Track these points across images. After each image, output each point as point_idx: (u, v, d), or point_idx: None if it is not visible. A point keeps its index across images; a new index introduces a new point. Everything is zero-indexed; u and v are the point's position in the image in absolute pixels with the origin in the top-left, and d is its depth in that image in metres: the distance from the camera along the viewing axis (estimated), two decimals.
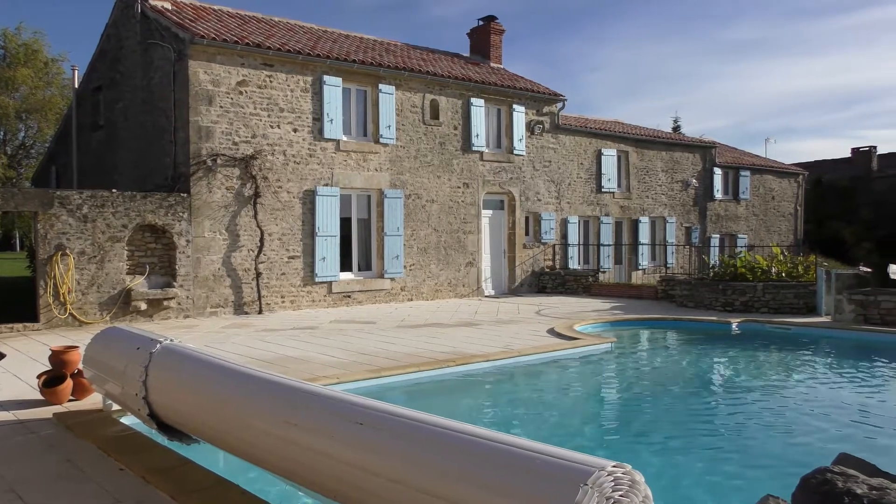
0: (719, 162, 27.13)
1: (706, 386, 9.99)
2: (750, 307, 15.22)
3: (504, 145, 19.93)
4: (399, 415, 3.33)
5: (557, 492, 2.42)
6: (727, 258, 18.11)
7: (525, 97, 20.28)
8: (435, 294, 18.14)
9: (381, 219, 17.06)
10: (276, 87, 15.20)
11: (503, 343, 10.84)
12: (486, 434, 2.80)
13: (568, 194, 21.68)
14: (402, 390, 8.43)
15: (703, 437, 7.26)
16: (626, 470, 2.29)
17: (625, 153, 23.77)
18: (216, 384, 4.48)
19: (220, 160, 14.40)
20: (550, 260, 21.13)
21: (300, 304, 15.56)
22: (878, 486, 2.05)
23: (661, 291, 17.79)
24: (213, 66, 14.33)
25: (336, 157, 16.18)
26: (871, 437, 6.99)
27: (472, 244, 19.00)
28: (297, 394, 3.83)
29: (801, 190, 31.33)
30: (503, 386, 9.37)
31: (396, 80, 17.28)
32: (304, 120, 15.63)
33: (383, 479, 3.11)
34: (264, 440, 3.89)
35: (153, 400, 4.99)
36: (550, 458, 2.56)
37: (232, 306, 14.62)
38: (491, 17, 22.82)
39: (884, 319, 13.10)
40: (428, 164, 17.97)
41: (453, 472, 2.86)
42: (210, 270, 14.32)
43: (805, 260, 16.94)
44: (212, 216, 14.35)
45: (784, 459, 6.17)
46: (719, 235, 27.25)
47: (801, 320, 13.83)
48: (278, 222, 15.23)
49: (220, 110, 14.42)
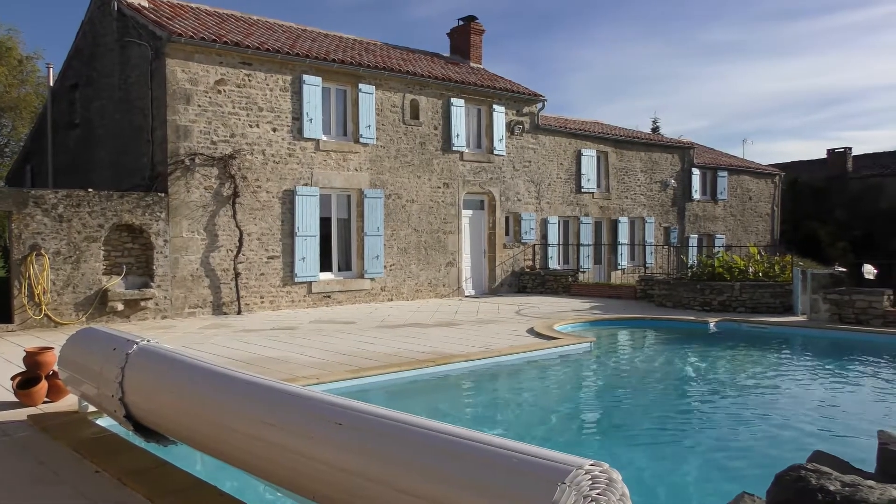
0: (697, 162, 27.36)
1: (684, 385, 10.07)
2: (727, 306, 15.36)
3: (484, 145, 19.96)
4: (378, 415, 3.32)
5: (535, 490, 2.42)
6: (705, 258, 18.28)
7: (505, 97, 20.32)
8: (415, 294, 18.12)
9: (362, 219, 17.01)
10: (255, 86, 15.11)
11: (483, 343, 10.86)
12: (464, 433, 2.80)
13: (548, 194, 21.76)
14: (382, 390, 8.41)
15: (681, 436, 7.32)
16: (603, 468, 2.30)
17: (604, 154, 23.90)
18: (193, 385, 4.44)
19: (199, 159, 14.29)
20: (530, 260, 21.19)
21: (279, 305, 15.48)
22: (851, 482, 2.08)
23: (640, 291, 17.91)
24: (190, 64, 14.21)
25: (316, 156, 16.11)
26: (846, 434, 7.09)
27: (453, 244, 19.00)
28: (274, 394, 3.80)
29: (778, 190, 31.68)
30: (483, 386, 9.38)
31: (376, 80, 17.24)
32: (284, 119, 15.55)
33: (362, 479, 3.09)
34: (242, 441, 3.86)
35: (130, 401, 4.93)
36: (529, 456, 2.56)
37: (210, 307, 14.51)
38: (471, 17, 22.84)
39: (858, 318, 13.28)
40: (408, 164, 17.95)
41: (432, 471, 2.85)
42: (188, 270, 14.20)
43: (781, 260, 17.13)
44: (190, 216, 14.24)
45: (760, 457, 6.23)
46: (697, 235, 27.48)
47: (778, 319, 13.99)
48: (257, 222, 15.14)
49: (199, 109, 14.30)
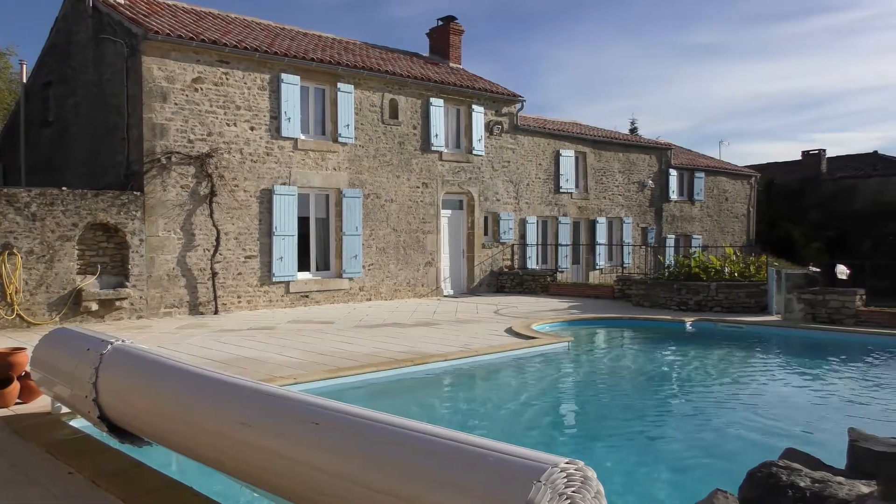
0: (675, 163, 27.59)
1: (660, 384, 10.15)
2: (704, 306, 15.51)
3: (463, 145, 19.98)
4: (355, 414, 3.32)
5: (512, 488, 2.43)
6: (682, 258, 18.43)
7: (484, 97, 20.36)
8: (394, 294, 18.10)
9: (340, 218, 16.96)
10: (233, 84, 15.01)
11: (462, 343, 10.87)
12: (441, 433, 2.81)
13: (526, 194, 21.83)
14: (360, 390, 8.40)
15: (656, 434, 7.39)
16: (578, 466, 2.32)
17: (582, 154, 24.03)
18: (169, 385, 4.41)
19: (175, 158, 14.16)
20: (509, 260, 21.25)
21: (257, 305, 15.38)
22: (821, 479, 2.11)
23: (618, 291, 18.02)
24: (167, 62, 14.08)
25: (294, 155, 16.04)
26: (819, 432, 7.19)
27: (432, 244, 19.00)
28: (250, 394, 3.79)
29: (754, 191, 32.03)
30: (461, 385, 9.40)
31: (355, 79, 17.20)
32: (262, 118, 15.45)
33: (339, 479, 3.09)
34: (218, 441, 3.83)
35: (104, 402, 4.88)
36: (505, 455, 2.58)
37: (187, 307, 14.38)
38: (450, 17, 22.85)
39: (831, 318, 13.47)
40: (387, 164, 17.93)
41: (409, 470, 2.86)
42: (164, 270, 14.07)
43: (757, 260, 17.32)
44: (166, 215, 14.11)
45: (733, 454, 6.30)
46: (674, 236, 27.71)
47: (753, 319, 14.15)
48: (235, 221, 15.04)
49: (175, 107, 14.18)
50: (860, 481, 2.13)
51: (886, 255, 27.20)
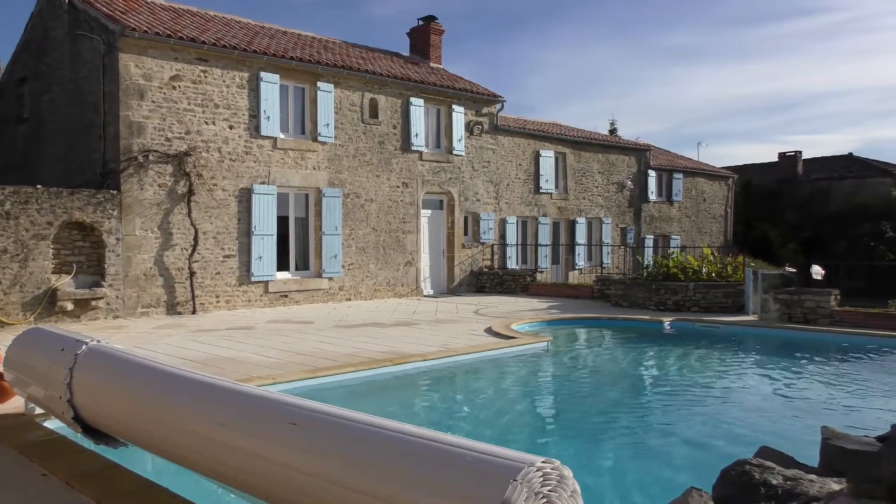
0: (653, 164, 27.78)
1: (638, 383, 10.22)
2: (682, 306, 15.63)
3: (443, 145, 19.99)
4: (333, 414, 3.30)
5: (488, 488, 2.43)
6: (660, 259, 18.56)
7: (464, 98, 20.37)
8: (374, 294, 18.06)
9: (320, 218, 16.89)
10: (212, 82, 14.90)
11: (441, 342, 10.87)
12: (419, 432, 2.81)
13: (506, 195, 21.88)
14: (339, 390, 8.37)
15: (633, 433, 7.44)
16: (554, 465, 2.32)
17: (562, 154, 24.12)
18: (145, 386, 4.36)
19: (153, 156, 14.03)
20: (489, 260, 21.28)
21: (235, 304, 15.28)
22: (793, 476, 2.14)
23: (597, 291, 18.11)
24: (144, 59, 13.95)
25: (273, 154, 15.95)
26: (793, 430, 7.27)
27: (412, 244, 18.99)
28: (228, 394, 3.76)
29: (731, 192, 32.33)
30: (441, 385, 9.40)
31: (335, 78, 17.14)
32: (241, 117, 15.36)
33: (316, 479, 3.07)
34: (194, 442, 3.80)
35: (78, 403, 4.82)
36: (482, 455, 2.58)
37: (164, 306, 14.26)
38: (431, 17, 22.85)
39: (806, 318, 13.63)
40: (367, 164, 17.88)
41: (386, 470, 2.85)
42: (141, 269, 13.93)
43: (734, 260, 17.49)
44: (143, 214, 13.97)
45: (708, 453, 6.36)
46: (653, 236, 27.90)
47: (730, 319, 14.28)
48: (213, 220, 14.93)
49: (153, 105, 14.05)
50: (832, 479, 2.16)
51: (860, 256, 27.59)
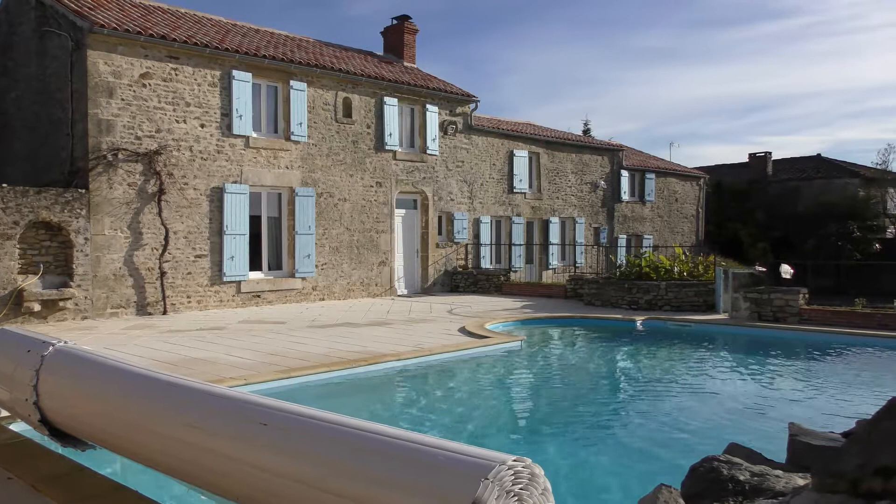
0: (626, 165, 28.01)
1: (610, 382, 10.30)
2: (654, 305, 15.77)
3: (417, 145, 19.97)
4: (304, 414, 3.28)
5: (459, 486, 2.43)
6: (633, 258, 18.72)
7: (438, 97, 20.37)
8: (347, 294, 18.00)
9: (293, 217, 16.79)
10: (183, 80, 14.74)
11: (415, 342, 10.86)
12: (390, 432, 2.80)
13: (480, 194, 21.92)
14: (312, 391, 8.33)
15: (605, 431, 7.50)
16: (525, 464, 2.33)
17: (536, 154, 24.22)
18: (113, 387, 4.30)
19: (122, 155, 13.85)
20: (463, 259, 21.31)
21: (207, 305, 15.14)
22: (760, 472, 2.17)
23: (570, 290, 18.21)
24: (114, 56, 13.76)
25: (245, 153, 15.82)
26: (763, 427, 7.37)
27: (385, 243, 18.95)
28: (197, 395, 3.72)
29: (703, 193, 32.70)
30: (414, 385, 9.39)
31: (308, 77, 17.04)
32: (212, 115, 15.21)
33: (287, 480, 3.05)
34: (164, 443, 3.76)
35: (45, 405, 4.74)
36: (453, 453, 2.57)
37: (134, 307, 14.08)
38: (405, 16, 22.82)
39: (776, 316, 13.82)
40: (340, 163, 17.81)
41: (358, 470, 2.84)
42: (110, 270, 13.74)
43: (705, 260, 17.68)
44: (112, 213, 13.78)
45: (679, 450, 6.42)
46: (626, 236, 28.13)
47: (701, 318, 14.44)
48: (184, 220, 14.77)
49: (122, 103, 13.86)
50: (797, 474, 2.20)
51: (828, 255, 28.06)
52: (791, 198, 33.59)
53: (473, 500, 2.26)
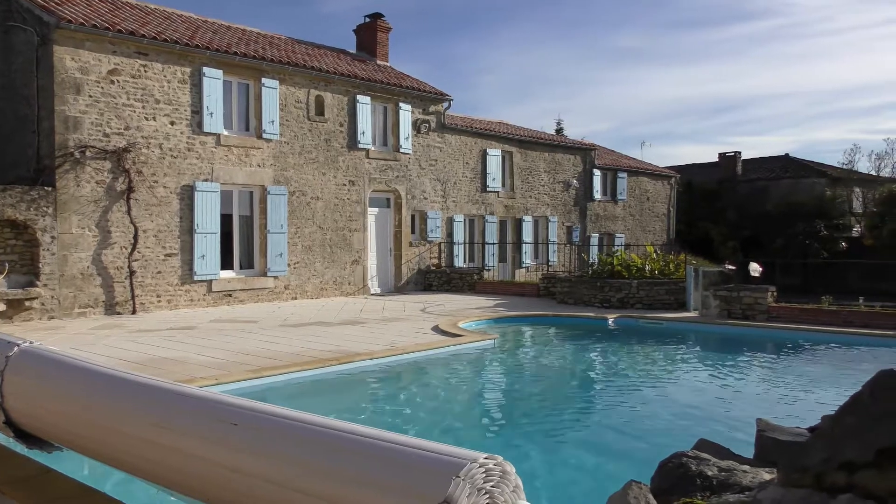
0: (598, 164, 28.20)
1: (582, 379, 10.37)
2: (625, 303, 15.90)
3: (390, 143, 19.93)
4: (275, 414, 3.24)
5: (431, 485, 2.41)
6: (605, 257, 18.85)
7: (412, 96, 20.34)
8: (320, 292, 17.91)
9: (265, 216, 16.66)
10: (152, 77, 14.55)
11: (388, 341, 10.84)
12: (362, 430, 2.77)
13: (454, 193, 21.93)
14: (284, 390, 8.28)
15: (576, 428, 7.55)
16: (497, 461, 2.32)
17: (509, 153, 24.29)
18: (80, 388, 4.23)
19: (90, 152, 13.64)
20: (436, 258, 21.31)
21: (178, 304, 14.97)
22: (727, 468, 2.20)
23: (543, 289, 18.30)
24: (81, 52, 13.54)
25: (216, 151, 15.67)
26: (733, 422, 7.46)
27: (358, 242, 18.88)
28: (166, 395, 3.67)
29: (674, 192, 33.03)
30: (387, 383, 9.37)
31: (280, 75, 16.92)
32: (182, 112, 15.04)
33: (258, 480, 3.01)
34: (132, 445, 3.70)
35: (10, 407, 4.64)
36: (424, 451, 2.55)
37: (103, 306, 13.88)
38: (377, 14, 22.73)
39: (745, 314, 14.01)
40: (313, 161, 17.71)
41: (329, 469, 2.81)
42: (78, 269, 13.53)
43: (676, 258, 17.87)
44: (80, 211, 13.57)
45: (650, 446, 6.48)
46: (598, 234, 28.33)
47: (672, 315, 14.60)
48: (154, 218, 14.59)
49: (90, 100, 13.65)
50: (764, 469, 2.23)
51: (796, 254, 28.49)
52: (760, 197, 34.04)
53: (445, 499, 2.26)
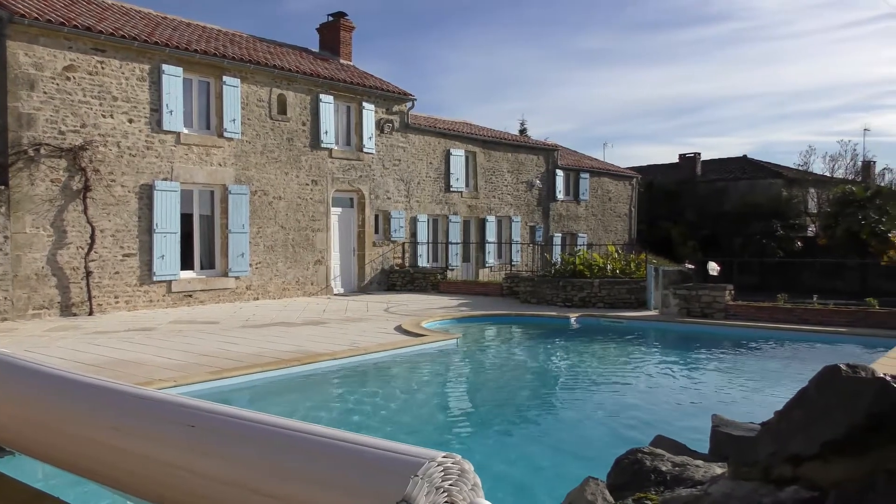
0: (561, 164, 28.42)
1: (543, 378, 10.45)
2: (587, 302, 16.06)
3: (354, 143, 19.84)
4: (232, 415, 3.23)
5: (389, 484, 2.44)
6: (567, 256, 19.02)
7: (375, 95, 20.28)
8: (282, 293, 17.76)
9: (226, 215, 16.46)
10: (109, 74, 14.28)
11: (350, 341, 10.80)
12: (320, 431, 2.78)
13: (417, 193, 21.92)
14: (245, 392, 8.20)
15: (536, 426, 7.61)
16: (455, 460, 2.35)
17: (472, 154, 24.36)
18: (33, 390, 4.15)
19: (45, 150, 13.34)
20: (400, 258, 21.28)
21: (136, 305, 14.72)
22: (681, 463, 2.25)
23: (507, 288, 18.39)
24: (35, 48, 13.24)
25: (176, 150, 15.44)
26: (689, 418, 7.59)
27: (321, 242, 18.77)
28: (122, 397, 3.62)
29: (635, 192, 33.46)
30: (349, 384, 9.34)
31: (241, 73, 16.74)
32: (141, 110, 14.79)
33: (215, 482, 3.00)
34: (87, 448, 3.65)
35: None
36: (383, 451, 2.58)
37: (58, 308, 13.58)
38: (341, 13, 22.61)
39: (703, 312, 14.25)
40: (275, 160, 17.56)
41: (287, 470, 2.82)
42: (32, 269, 13.23)
43: (637, 258, 18.09)
44: (34, 210, 13.27)
45: (609, 444, 6.56)
46: (561, 234, 28.56)
47: (633, 314, 14.78)
48: (112, 218, 14.32)
49: (45, 96, 13.35)
50: (717, 464, 2.28)
51: (753, 253, 29.07)
52: (719, 197, 34.65)
53: (403, 497, 2.27)
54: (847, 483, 1.57)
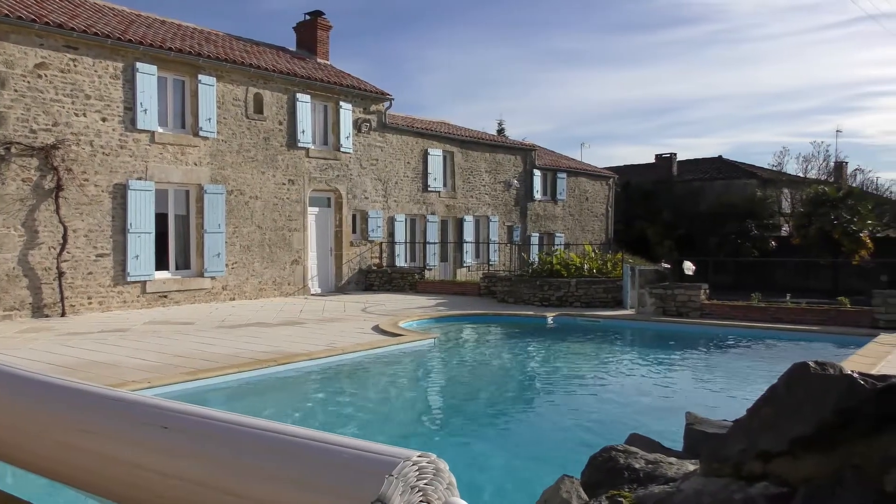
0: (539, 164, 28.53)
1: (520, 377, 10.48)
2: (564, 302, 16.14)
3: (331, 142, 19.77)
4: (207, 416, 3.18)
5: (364, 483, 2.41)
6: (545, 256, 19.09)
7: (352, 95, 20.22)
8: (259, 293, 17.64)
9: (201, 215, 16.32)
10: (82, 72, 14.10)
11: (327, 341, 10.76)
12: (293, 431, 2.75)
13: (395, 193, 21.89)
14: (221, 392, 8.13)
15: (513, 425, 7.63)
16: (430, 459, 2.33)
17: (450, 153, 24.37)
18: (1, 392, 4.07)
19: (15, 149, 13.13)
20: (378, 258, 21.23)
21: (110, 306, 14.54)
22: (654, 460, 2.26)
23: (484, 288, 18.42)
24: (6, 45, 13.03)
25: (151, 149, 15.28)
26: (664, 416, 7.65)
27: (298, 242, 18.67)
28: (94, 399, 3.56)
29: (612, 192, 33.66)
30: (326, 384, 9.30)
31: (217, 72, 16.60)
32: (115, 109, 14.61)
33: (188, 483, 2.95)
34: (56, 451, 3.58)
35: None
36: (358, 451, 2.55)
37: (30, 309, 13.38)
38: (318, 12, 22.50)
39: (679, 311, 14.38)
40: (251, 160, 17.44)
41: (261, 470, 2.78)
42: (3, 270, 13.02)
43: (614, 257, 18.21)
44: (5, 210, 13.06)
45: (584, 442, 6.60)
46: (538, 234, 28.66)
47: (609, 313, 14.88)
48: (84, 218, 14.14)
49: (15, 94, 13.15)
50: (690, 461, 2.30)
51: (728, 252, 29.36)
52: (694, 197, 34.95)
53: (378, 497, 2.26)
54: (816, 478, 1.59)
